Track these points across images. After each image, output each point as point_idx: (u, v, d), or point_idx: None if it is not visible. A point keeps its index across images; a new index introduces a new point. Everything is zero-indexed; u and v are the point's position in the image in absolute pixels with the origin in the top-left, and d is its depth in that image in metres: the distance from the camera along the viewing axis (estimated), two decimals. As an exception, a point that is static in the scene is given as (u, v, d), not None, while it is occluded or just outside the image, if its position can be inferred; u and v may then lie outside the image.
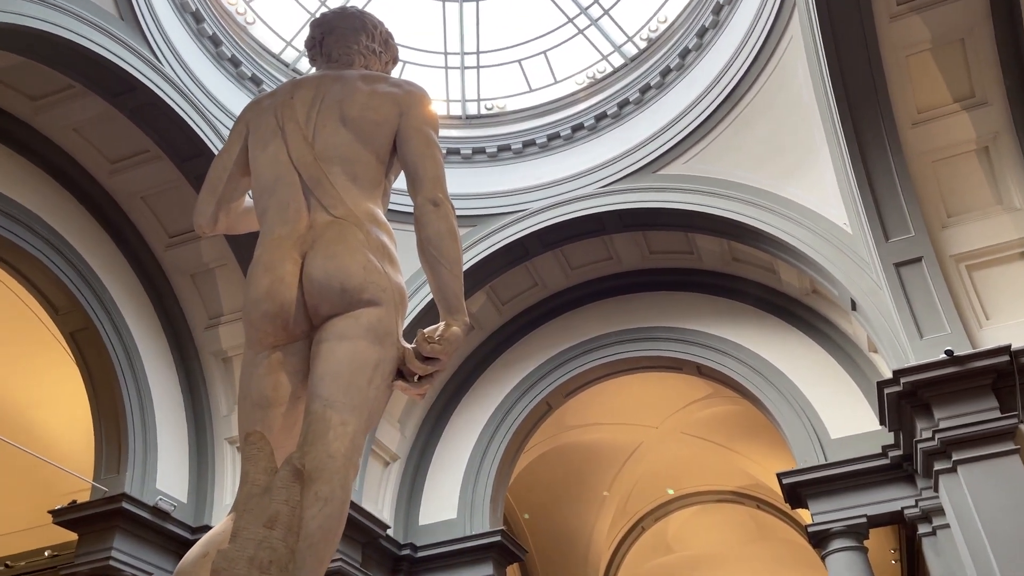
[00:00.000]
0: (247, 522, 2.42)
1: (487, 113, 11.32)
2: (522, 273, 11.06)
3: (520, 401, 11.14)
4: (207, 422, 10.09)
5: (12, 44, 7.36)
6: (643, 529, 15.58)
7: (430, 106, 3.55)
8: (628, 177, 10.26)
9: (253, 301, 3.03)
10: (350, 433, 2.76)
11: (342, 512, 2.60)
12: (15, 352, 9.99)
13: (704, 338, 10.62)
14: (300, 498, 2.50)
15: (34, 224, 8.58)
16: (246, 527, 2.39)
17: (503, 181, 10.86)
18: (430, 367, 3.01)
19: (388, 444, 10.71)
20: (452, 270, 3.16)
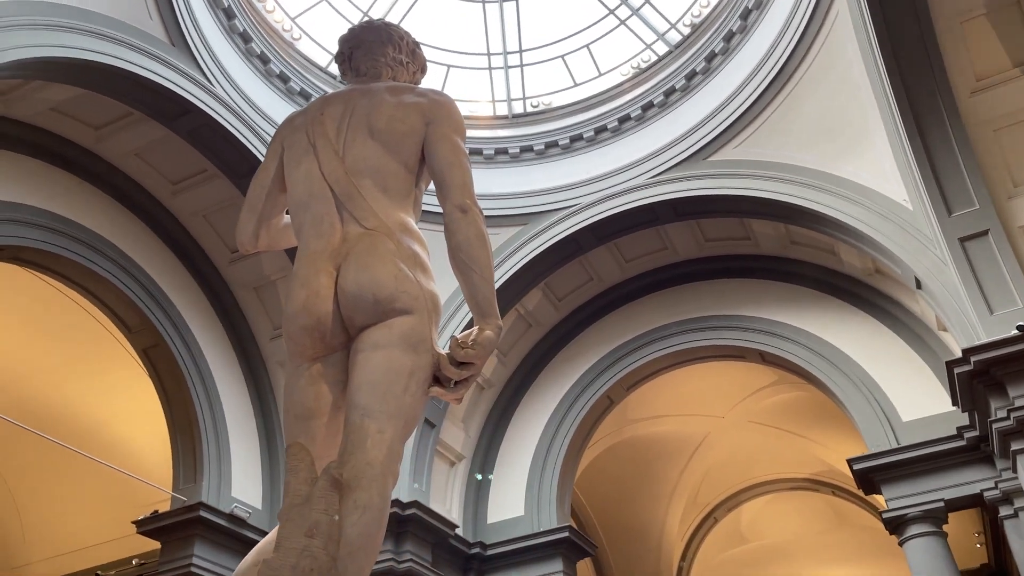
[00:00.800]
0: (289, 532, 2.50)
1: (533, 111, 11.34)
2: (576, 268, 11.04)
3: (581, 396, 11.13)
4: (276, 430, 10.36)
5: (72, 77, 7.68)
6: (715, 520, 15.39)
7: (457, 114, 3.59)
8: (679, 165, 10.16)
9: (291, 315, 3.13)
10: (387, 441, 2.82)
11: (381, 519, 2.66)
12: (94, 370, 10.43)
13: (766, 324, 10.44)
14: (339, 507, 2.57)
15: (104, 247, 8.94)
16: (288, 536, 2.47)
17: (552, 177, 10.86)
18: (465, 372, 3.06)
19: (453, 444, 10.82)
20: (483, 275, 3.20)
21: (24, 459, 11.45)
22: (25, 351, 10.32)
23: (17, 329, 10.07)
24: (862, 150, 8.77)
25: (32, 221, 8.25)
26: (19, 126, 8.14)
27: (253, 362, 10.23)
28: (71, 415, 10.77)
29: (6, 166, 8.06)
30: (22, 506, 11.92)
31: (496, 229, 10.65)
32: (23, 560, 11.85)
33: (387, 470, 2.77)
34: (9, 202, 8.06)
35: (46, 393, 10.70)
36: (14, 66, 6.81)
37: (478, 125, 11.34)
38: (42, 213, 8.35)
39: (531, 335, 11.47)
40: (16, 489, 11.87)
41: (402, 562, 9.17)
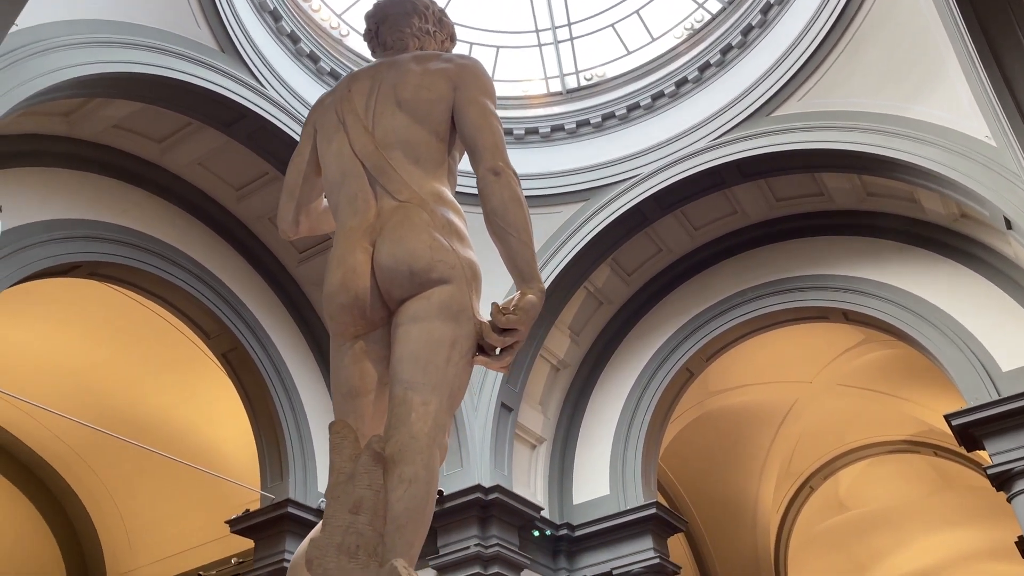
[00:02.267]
0: (334, 510, 2.45)
1: (587, 84, 11.12)
2: (644, 240, 10.79)
3: (660, 370, 10.89)
4: (357, 424, 10.48)
5: (130, 92, 7.87)
6: (812, 489, 14.89)
7: (485, 76, 3.49)
8: (741, 124, 9.80)
9: (329, 295, 3.08)
10: (432, 413, 2.75)
11: (428, 492, 2.58)
12: (178, 377, 10.75)
13: (846, 282, 10.01)
14: (384, 482, 2.50)
15: (176, 257, 9.17)
16: (334, 515, 2.42)
17: (612, 149, 10.63)
18: (508, 338, 2.96)
19: (532, 427, 10.75)
20: (520, 237, 3.09)
21: (124, 468, 11.91)
22: (113, 364, 10.70)
23: (103, 343, 10.45)
24: (934, 88, 8.28)
25: (106, 236, 8.51)
26: (86, 145, 8.40)
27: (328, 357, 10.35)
28: (161, 422, 11.14)
29: (77, 185, 8.32)
30: (126, 513, 12.41)
31: (558, 207, 10.52)
32: (131, 565, 12.35)
33: (432, 442, 2.69)
34: (83, 219, 8.33)
35: (136, 403, 11.09)
36: (74, 84, 7.00)
37: (533, 104, 11.20)
38: (115, 228, 8.60)
39: (603, 312, 11.28)
40: (120, 497, 12.36)
41: (489, 547, 9.16)
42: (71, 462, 12.26)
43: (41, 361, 10.33)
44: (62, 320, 9.99)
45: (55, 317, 9.89)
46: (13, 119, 7.56)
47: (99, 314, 9.84)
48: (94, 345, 10.50)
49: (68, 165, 8.27)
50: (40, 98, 6.79)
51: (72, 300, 9.50)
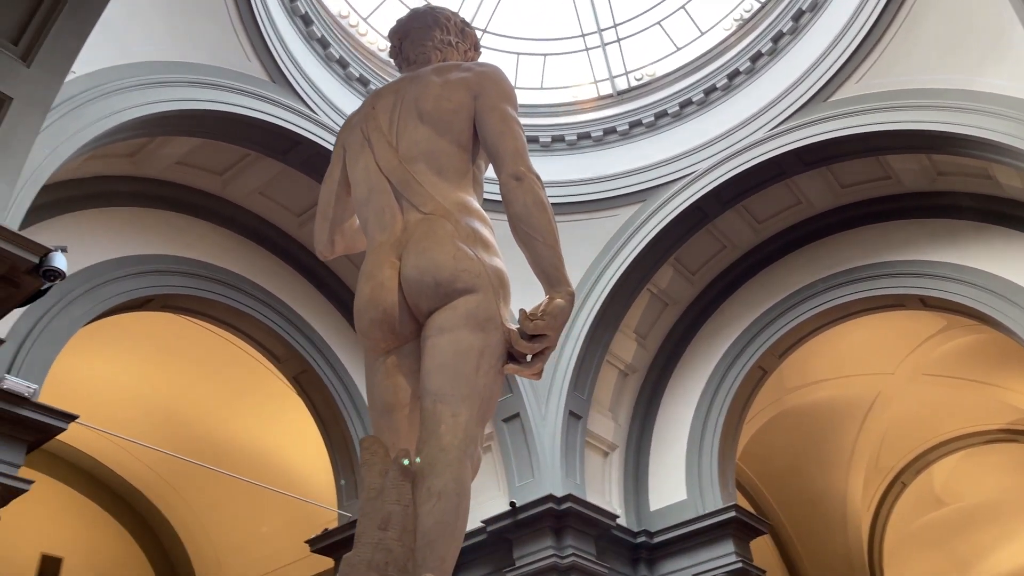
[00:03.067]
0: (365, 527, 2.45)
1: (638, 84, 11.00)
2: (706, 238, 10.58)
3: (731, 370, 10.64)
4: (429, 439, 10.55)
5: (189, 128, 8.13)
6: (903, 485, 14.29)
7: (504, 82, 3.47)
8: (799, 112, 9.53)
9: (359, 311, 3.10)
10: (462, 424, 2.72)
11: (459, 505, 2.55)
12: (254, 402, 11.02)
13: (922, 266, 9.60)
14: (412, 496, 2.48)
15: (243, 285, 9.41)
16: (364, 531, 2.42)
17: (667, 148, 10.47)
18: (538, 344, 2.91)
19: (603, 434, 10.63)
20: (546, 241, 3.05)
21: (210, 493, 12.26)
22: (192, 392, 11.04)
23: (181, 372, 10.80)
24: (1001, 57, 7.88)
25: (175, 269, 8.79)
26: (151, 183, 8.70)
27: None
28: (242, 446, 11.43)
29: (145, 221, 8.63)
30: (215, 537, 12.77)
31: (615, 209, 10.42)
32: (221, 587, 12.69)
33: (463, 454, 2.66)
34: (152, 254, 8.62)
35: (217, 429, 11.41)
36: (133, 125, 7.27)
37: (584, 108, 11.13)
38: (183, 261, 8.88)
39: (668, 314, 11.09)
40: (208, 521, 12.73)
41: (564, 557, 9.07)
42: (161, 490, 12.69)
43: (127, 393, 10.73)
44: (142, 352, 10.37)
45: (135, 350, 10.27)
46: (81, 163, 7.91)
47: (175, 345, 10.17)
48: (174, 375, 10.86)
49: (135, 203, 8.59)
50: (102, 141, 7.07)
51: (149, 332, 9.85)
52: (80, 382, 9.65)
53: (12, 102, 5.65)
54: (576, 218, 10.48)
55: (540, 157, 10.81)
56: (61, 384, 8.18)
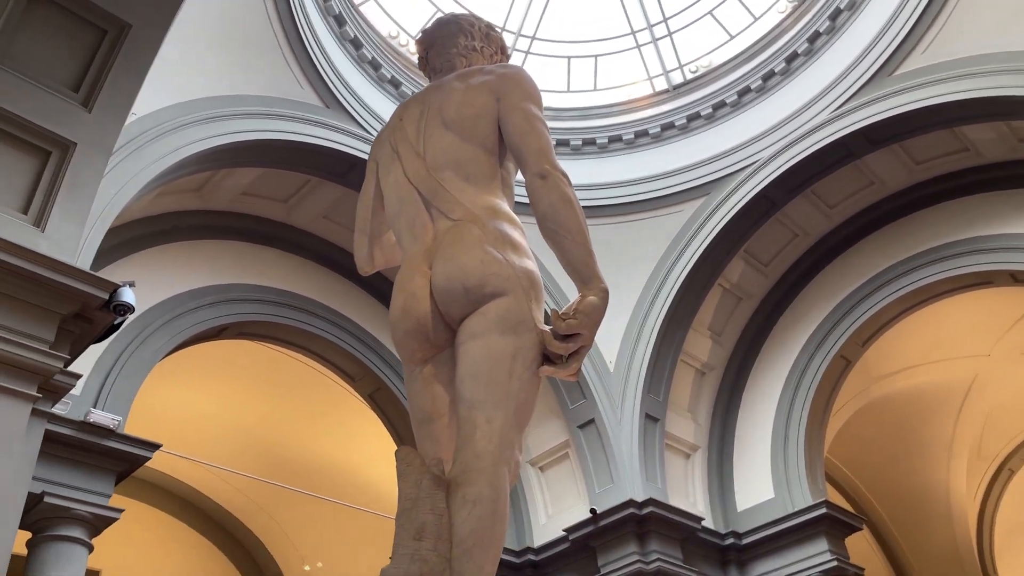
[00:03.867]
0: (400, 538, 2.43)
1: (693, 76, 10.79)
2: (776, 228, 10.27)
3: (812, 361, 10.28)
4: (506, 450, 10.53)
5: (249, 159, 8.35)
6: (1011, 472, 13.52)
7: (526, 81, 3.43)
8: (862, 89, 9.18)
9: (393, 322, 3.10)
10: (497, 430, 2.68)
11: (495, 512, 2.50)
12: (334, 422, 11.23)
13: (1009, 240, 9.11)
14: (446, 505, 2.45)
15: (314, 308, 9.59)
16: (400, 543, 2.40)
17: (727, 138, 10.23)
18: (572, 344, 2.84)
19: (683, 435, 10.41)
20: (575, 238, 2.98)
21: (300, 514, 12.54)
22: (275, 416, 11.32)
23: (262, 397, 11.08)
24: (1076, 10, 7.42)
25: (247, 297, 9.03)
26: (219, 215, 8.98)
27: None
28: (326, 466, 11.65)
29: (216, 253, 8.90)
30: (307, 556, 13.04)
31: (678, 205, 10.23)
32: (318, 606, 12.94)
33: (499, 460, 2.62)
34: (225, 284, 8.88)
35: (301, 450, 11.67)
36: (195, 161, 7.51)
37: (640, 106, 10.98)
38: (254, 288, 9.12)
39: (743, 308, 10.81)
40: (299, 541, 13.02)
41: (650, 563, 8.90)
42: (253, 513, 13.04)
43: (212, 420, 11.08)
44: (223, 380, 10.69)
45: (217, 378, 10.60)
46: (150, 201, 8.23)
47: (253, 371, 10.45)
48: (255, 400, 11.15)
49: (206, 236, 8.87)
50: (164, 179, 7.33)
51: (228, 360, 10.14)
52: (164, 412, 10.01)
53: (76, 147, 5.90)
54: (639, 217, 10.34)
55: (598, 159, 10.72)
56: (146, 415, 8.51)
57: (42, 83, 5.84)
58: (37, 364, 5.10)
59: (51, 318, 5.34)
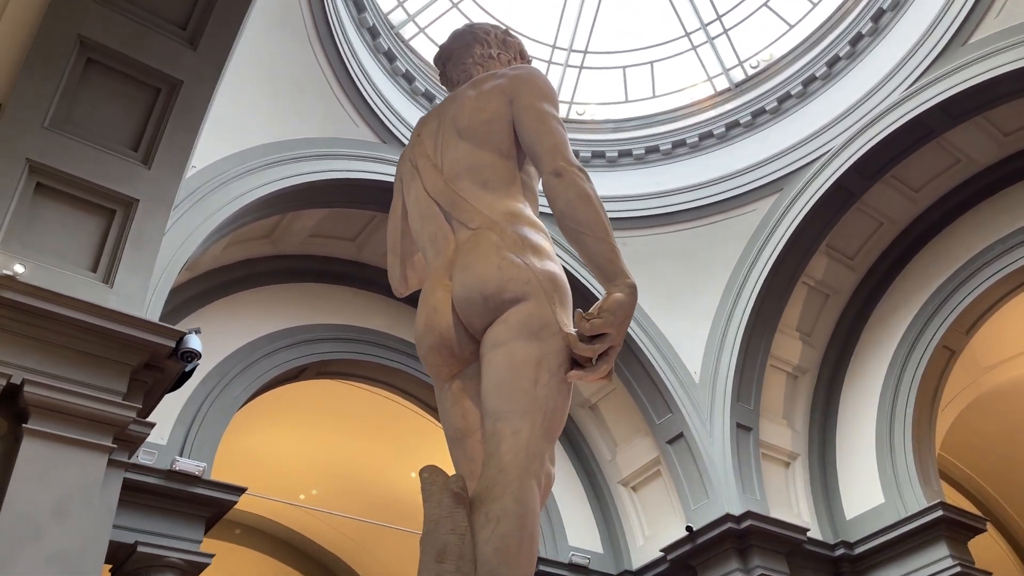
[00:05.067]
0: (423, 560, 2.30)
1: (754, 72, 10.45)
2: (858, 217, 9.78)
3: (912, 356, 9.69)
4: (596, 470, 10.30)
5: (312, 200, 8.48)
6: None
7: (539, 80, 3.31)
8: (936, 62, 8.70)
9: (417, 339, 3.01)
10: (524, 442, 2.53)
11: (522, 528, 2.35)
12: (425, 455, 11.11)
13: (1119, 205, 8.40)
14: (469, 523, 2.31)
15: (390, 342, 9.63)
16: (423, 567, 2.27)
17: (796, 131, 9.84)
18: (599, 345, 2.67)
19: (780, 444, 9.94)
20: (595, 234, 2.82)
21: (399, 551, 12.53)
22: (365, 453, 11.40)
23: (351, 435, 11.18)
24: None
25: (324, 337, 9.15)
26: (290, 259, 9.15)
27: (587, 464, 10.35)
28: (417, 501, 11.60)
29: (290, 296, 9.06)
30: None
31: (751, 204, 9.88)
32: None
33: (525, 473, 2.47)
34: (301, 326, 9.02)
35: (394, 486, 11.68)
36: (256, 207, 7.68)
37: (702, 108, 10.70)
38: (330, 327, 9.23)
39: (832, 306, 10.30)
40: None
41: (750, 578, 8.47)
42: (352, 550, 13.13)
43: (302, 461, 11.24)
44: (308, 421, 10.83)
45: (301, 419, 10.75)
46: (222, 251, 8.46)
47: (337, 409, 10.55)
48: (342, 438, 11.26)
49: (279, 280, 9.04)
50: (229, 226, 7.51)
51: (311, 401, 10.27)
52: (252, 456, 10.20)
53: (139, 203, 6.11)
54: (711, 221, 10.02)
55: (663, 165, 10.47)
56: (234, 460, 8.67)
57: (103, 145, 6.08)
58: (111, 415, 5.25)
59: (122, 370, 5.49)
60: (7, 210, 5.56)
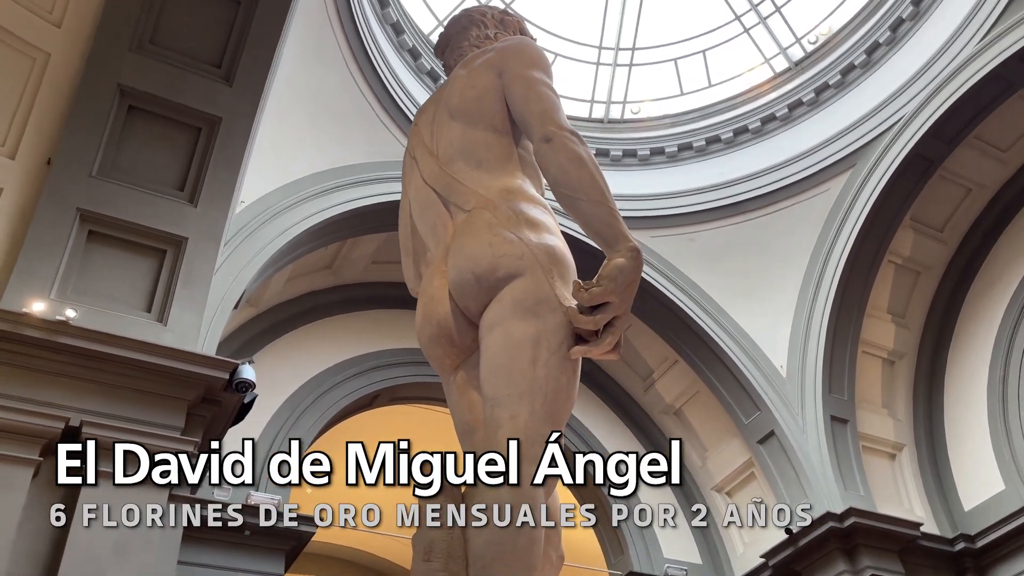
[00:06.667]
0: (413, 561, 2.09)
1: (812, 47, 9.94)
2: (943, 186, 9.14)
3: (1020, 327, 8.94)
4: (687, 478, 9.87)
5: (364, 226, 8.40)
6: None
7: (527, 48, 3.14)
8: (1008, 9, 8.10)
9: (418, 331, 2.86)
10: (521, 426, 2.32)
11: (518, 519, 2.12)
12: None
13: None
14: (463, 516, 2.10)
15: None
16: (413, 567, 2.06)
17: (863, 101, 9.29)
18: (601, 316, 2.43)
19: (883, 435, 9.30)
20: (590, 197, 2.60)
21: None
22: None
23: (434, 461, 11.05)
24: None
25: (393, 362, 9.09)
26: (353, 288, 9.17)
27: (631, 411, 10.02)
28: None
29: (356, 324, 9.06)
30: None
31: (824, 184, 9.38)
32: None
33: (524, 460, 2.24)
34: (369, 353, 9.00)
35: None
36: (308, 237, 7.70)
37: (763, 91, 10.25)
38: (398, 352, 9.16)
39: (924, 284, 9.64)
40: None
41: (865, 578, 7.88)
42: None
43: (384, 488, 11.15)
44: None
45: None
46: (286, 285, 8.53)
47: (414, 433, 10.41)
48: (427, 465, 11.14)
49: (344, 310, 9.06)
50: (284, 259, 7.55)
51: (389, 427, 10.18)
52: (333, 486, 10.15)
53: (187, 241, 6.19)
54: (783, 206, 9.55)
55: (726, 154, 10.07)
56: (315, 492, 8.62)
57: (149, 188, 6.21)
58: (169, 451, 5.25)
59: (179, 406, 5.52)
60: (61, 260, 5.72)
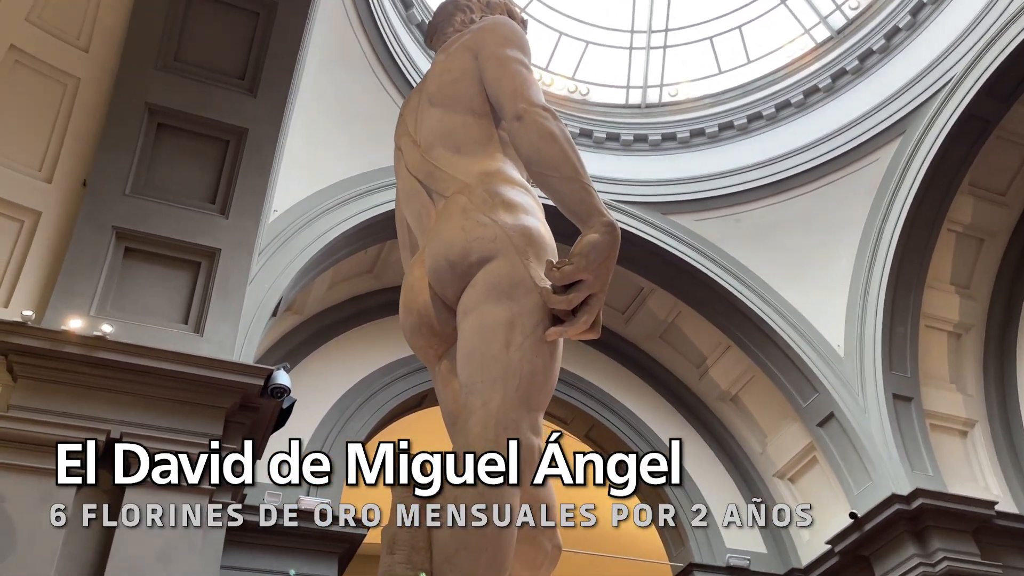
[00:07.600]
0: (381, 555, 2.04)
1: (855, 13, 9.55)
2: (1001, 147, 8.70)
3: (1095, 290, 8.44)
4: (748, 465, 9.63)
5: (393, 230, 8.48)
6: None
7: (501, 27, 3.07)
8: (1060, -45, 7.62)
9: (401, 323, 2.83)
10: (494, 412, 2.25)
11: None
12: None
13: None
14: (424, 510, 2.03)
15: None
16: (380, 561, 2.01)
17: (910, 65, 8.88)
18: (575, 295, 2.33)
19: (952, 412, 8.90)
20: (562, 173, 2.51)
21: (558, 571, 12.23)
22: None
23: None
24: None
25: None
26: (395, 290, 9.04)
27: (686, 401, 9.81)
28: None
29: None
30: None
31: (873, 153, 9.03)
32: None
33: (495, 447, 2.16)
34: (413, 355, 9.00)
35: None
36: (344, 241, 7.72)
37: (804, 64, 9.89)
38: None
39: (989, 251, 9.19)
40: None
41: (936, 563, 7.53)
42: None
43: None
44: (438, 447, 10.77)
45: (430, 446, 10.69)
46: (328, 291, 8.61)
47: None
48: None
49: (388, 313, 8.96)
50: (321, 265, 7.61)
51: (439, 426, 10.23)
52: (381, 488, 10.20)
53: (221, 252, 6.29)
54: (830, 180, 9.22)
55: (770, 130, 9.76)
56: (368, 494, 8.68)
57: (181, 202, 6.33)
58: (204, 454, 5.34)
59: (216, 414, 5.60)
60: (99, 277, 5.87)
